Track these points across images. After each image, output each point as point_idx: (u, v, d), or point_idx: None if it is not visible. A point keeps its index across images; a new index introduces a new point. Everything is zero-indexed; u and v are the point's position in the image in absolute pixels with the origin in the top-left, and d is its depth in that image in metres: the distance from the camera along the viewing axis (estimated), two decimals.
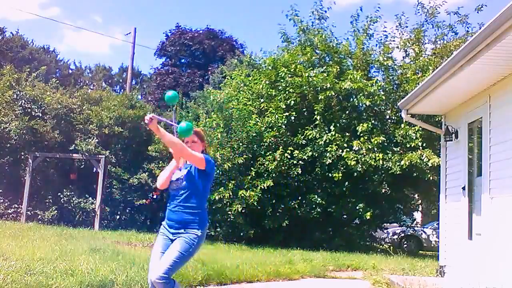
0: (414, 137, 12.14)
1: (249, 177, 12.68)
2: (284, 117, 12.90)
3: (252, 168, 12.76)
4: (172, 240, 3.48)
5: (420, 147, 12.15)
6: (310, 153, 12.77)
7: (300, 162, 12.81)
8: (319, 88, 13.04)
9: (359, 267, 8.94)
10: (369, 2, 47.98)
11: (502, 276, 5.55)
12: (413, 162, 11.85)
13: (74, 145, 15.10)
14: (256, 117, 13.17)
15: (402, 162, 11.93)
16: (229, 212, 12.49)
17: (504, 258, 5.59)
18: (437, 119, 10.02)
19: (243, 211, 12.56)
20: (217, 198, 12.19)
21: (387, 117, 13.91)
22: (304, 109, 13.76)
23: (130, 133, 16.28)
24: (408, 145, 12.35)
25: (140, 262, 6.40)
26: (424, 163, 11.78)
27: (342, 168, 12.59)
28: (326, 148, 12.63)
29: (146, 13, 64.39)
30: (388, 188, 13.09)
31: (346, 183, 12.91)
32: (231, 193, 12.41)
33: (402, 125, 12.46)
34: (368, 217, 12.56)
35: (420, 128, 11.60)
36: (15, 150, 14.96)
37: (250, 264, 7.37)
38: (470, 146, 7.22)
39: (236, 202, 12.34)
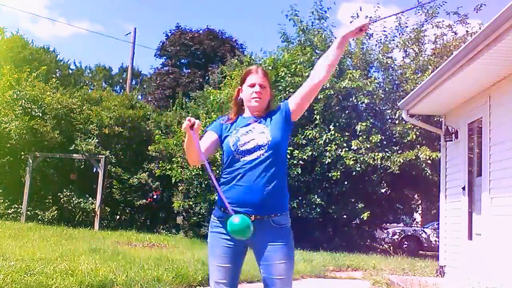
0: (410, 132, 12.19)
1: None
2: None
3: None
4: None
5: (417, 143, 12.17)
6: (310, 152, 12.76)
7: (300, 162, 12.80)
8: None
9: (359, 267, 8.93)
10: None
11: (502, 276, 5.55)
12: (409, 159, 11.85)
13: (74, 145, 15.10)
14: None
15: (400, 158, 11.96)
16: None
17: (504, 258, 5.59)
18: (437, 119, 10.02)
19: None
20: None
21: (387, 116, 13.92)
22: None
23: (130, 133, 16.29)
24: (405, 140, 12.36)
25: (140, 262, 6.40)
26: (422, 161, 11.80)
27: (341, 167, 12.59)
28: (326, 148, 12.63)
29: (146, 13, 64.42)
30: (387, 188, 13.08)
31: (346, 183, 12.91)
32: None
33: (397, 122, 12.51)
34: (365, 218, 12.55)
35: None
36: (15, 150, 14.96)
37: (250, 264, 7.35)
38: (470, 146, 7.22)
39: None
